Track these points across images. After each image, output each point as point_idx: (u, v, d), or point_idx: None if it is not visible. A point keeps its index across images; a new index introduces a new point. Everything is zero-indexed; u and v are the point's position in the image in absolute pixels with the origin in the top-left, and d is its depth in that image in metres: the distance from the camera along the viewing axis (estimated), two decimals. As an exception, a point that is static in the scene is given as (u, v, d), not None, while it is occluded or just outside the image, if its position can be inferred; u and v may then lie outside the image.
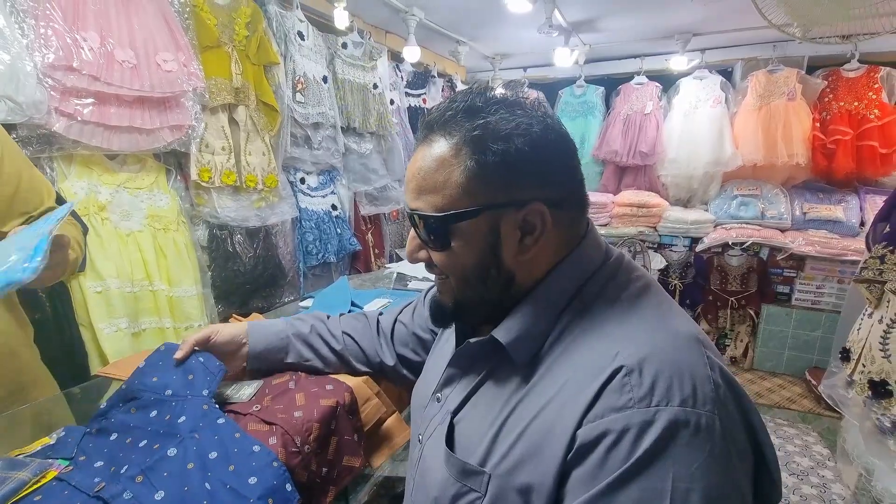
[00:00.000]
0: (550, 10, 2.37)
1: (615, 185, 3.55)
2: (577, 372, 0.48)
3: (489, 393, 0.55)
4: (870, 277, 1.39)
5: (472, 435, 0.54)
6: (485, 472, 0.50)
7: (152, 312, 1.52)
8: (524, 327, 0.53)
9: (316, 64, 2.07)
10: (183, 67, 1.47)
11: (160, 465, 0.60)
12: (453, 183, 0.51)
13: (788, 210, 3.02)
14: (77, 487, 0.56)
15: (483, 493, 0.50)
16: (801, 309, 2.98)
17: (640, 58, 3.37)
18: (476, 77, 3.84)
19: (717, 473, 0.41)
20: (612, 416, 0.43)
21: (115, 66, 1.32)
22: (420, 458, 0.61)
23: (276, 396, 0.77)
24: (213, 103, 1.64)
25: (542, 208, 0.51)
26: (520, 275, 0.55)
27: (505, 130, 0.50)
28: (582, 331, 0.51)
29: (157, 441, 0.64)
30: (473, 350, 0.58)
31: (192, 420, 0.67)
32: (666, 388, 0.43)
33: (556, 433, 0.46)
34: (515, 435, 0.49)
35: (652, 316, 0.50)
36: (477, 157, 0.50)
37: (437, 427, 0.59)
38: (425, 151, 0.53)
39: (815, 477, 2.04)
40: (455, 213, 0.51)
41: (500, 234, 0.52)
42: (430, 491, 0.56)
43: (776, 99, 2.95)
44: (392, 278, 1.64)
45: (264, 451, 0.64)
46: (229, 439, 0.65)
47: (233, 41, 1.71)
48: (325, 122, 2.09)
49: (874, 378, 1.33)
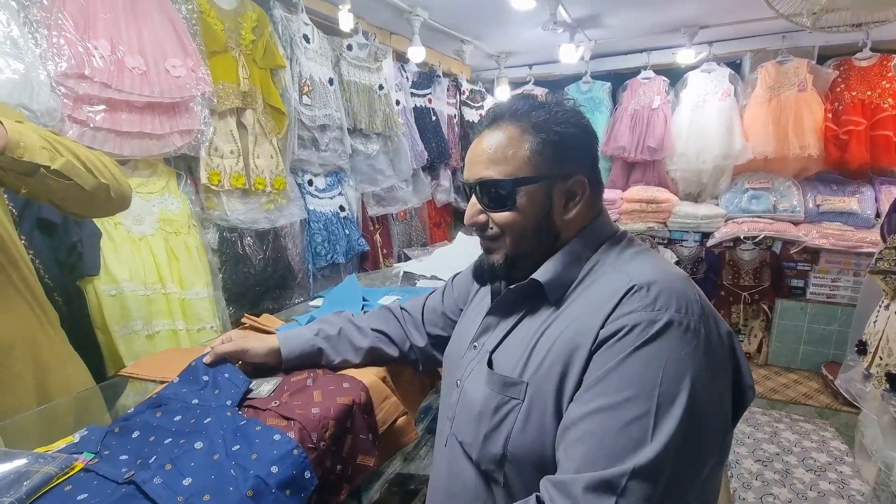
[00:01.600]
0: (555, 7, 2.36)
1: (623, 180, 3.52)
2: (598, 296, 0.62)
3: (525, 327, 0.68)
4: (886, 269, 1.36)
5: (510, 358, 0.66)
6: (523, 381, 0.62)
7: (165, 315, 1.54)
8: (559, 271, 0.67)
9: (321, 66, 2.08)
10: (191, 73, 1.49)
11: (187, 455, 0.61)
12: (521, 156, 0.66)
13: (801, 202, 2.98)
14: (105, 476, 0.58)
15: (522, 398, 0.61)
16: (817, 303, 2.93)
17: (647, 52, 3.34)
18: (481, 76, 3.83)
19: (701, 362, 0.55)
20: (627, 317, 0.57)
21: (126, 73, 1.35)
22: (460, 396, 0.71)
23: (294, 393, 0.79)
24: (222, 108, 1.66)
25: (583, 180, 0.67)
26: (562, 233, 0.69)
27: (562, 118, 0.66)
28: (600, 275, 0.65)
29: (183, 438, 0.66)
30: (511, 297, 0.71)
31: (217, 421, 0.69)
32: (666, 300, 0.57)
33: (584, 336, 0.59)
34: (547, 348, 0.62)
35: (655, 262, 0.65)
36: (542, 136, 0.66)
37: (476, 366, 0.70)
38: (493, 133, 0.68)
39: (833, 473, 2.00)
40: (522, 178, 0.66)
41: (552, 199, 0.67)
42: (473, 409, 0.66)
43: (786, 90, 2.91)
44: (400, 277, 1.64)
45: (285, 440, 0.66)
46: (252, 432, 0.67)
47: (239, 46, 1.73)
48: (332, 124, 2.11)
49: (892, 371, 1.30)
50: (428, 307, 0.98)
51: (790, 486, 1.93)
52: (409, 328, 0.97)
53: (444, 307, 0.96)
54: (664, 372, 0.53)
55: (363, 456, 0.78)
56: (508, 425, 0.62)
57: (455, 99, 3.26)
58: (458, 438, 0.69)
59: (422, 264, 1.78)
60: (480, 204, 0.70)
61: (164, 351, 1.29)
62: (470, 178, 0.70)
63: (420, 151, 2.73)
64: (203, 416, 0.70)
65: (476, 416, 0.65)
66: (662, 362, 0.53)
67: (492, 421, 0.63)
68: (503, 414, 0.63)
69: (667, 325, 0.55)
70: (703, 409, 0.53)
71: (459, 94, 3.29)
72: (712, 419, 0.55)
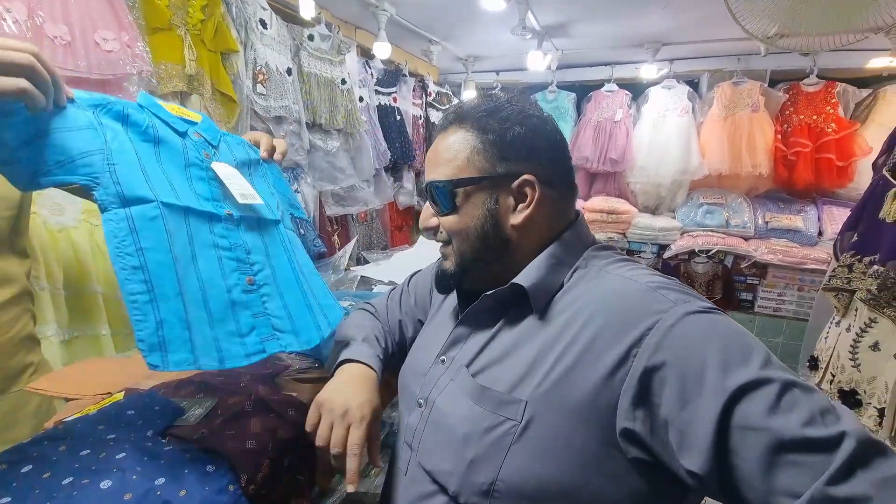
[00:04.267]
0: (524, 12, 2.34)
1: (585, 190, 3.56)
2: (599, 303, 0.57)
3: (507, 338, 0.62)
4: (838, 286, 1.39)
5: (499, 373, 0.60)
6: (521, 400, 0.55)
7: (86, 318, 1.37)
8: (543, 275, 0.62)
9: (279, 55, 1.95)
10: (126, 48, 1.34)
11: (89, 499, 0.50)
12: (461, 157, 0.64)
13: (752, 219, 3.10)
14: None
15: (519, 419, 0.55)
16: (764, 316, 3.05)
17: (611, 66, 3.40)
18: (448, 79, 3.78)
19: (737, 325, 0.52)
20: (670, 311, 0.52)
21: (46, 42, 1.18)
22: (428, 416, 0.64)
23: (228, 420, 0.67)
24: (163, 90, 1.51)
25: (532, 181, 0.62)
26: (515, 240, 0.64)
27: (506, 116, 0.63)
28: (590, 279, 0.61)
29: (87, 477, 0.54)
30: (489, 303, 0.65)
31: (133, 453, 0.57)
32: (685, 296, 0.54)
33: (597, 350, 0.53)
34: (551, 362, 0.56)
35: (645, 272, 0.61)
36: (482, 136, 0.63)
37: (448, 382, 0.64)
38: (442, 137, 0.67)
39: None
40: (461, 179, 0.64)
41: (498, 201, 0.64)
42: (455, 432, 0.59)
43: (741, 110, 3.03)
44: (356, 281, 1.54)
45: (220, 472, 0.56)
46: (178, 463, 0.56)
47: (186, 24, 1.58)
48: (289, 117, 1.98)
49: (844, 387, 1.33)
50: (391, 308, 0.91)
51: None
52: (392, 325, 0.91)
53: (400, 314, 0.88)
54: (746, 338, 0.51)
55: (297, 499, 0.67)
56: (502, 449, 0.54)
57: (421, 100, 3.18)
58: (426, 467, 0.61)
59: (380, 268, 1.68)
60: (432, 207, 0.69)
61: (83, 361, 1.15)
62: (424, 181, 0.70)
63: (383, 151, 2.63)
64: (116, 451, 0.58)
65: (460, 438, 0.58)
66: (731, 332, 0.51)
67: (480, 444, 0.56)
68: (496, 436, 0.55)
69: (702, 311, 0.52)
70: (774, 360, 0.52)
71: (426, 95, 3.22)
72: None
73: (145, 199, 0.61)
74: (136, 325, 0.56)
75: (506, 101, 0.65)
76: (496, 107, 0.64)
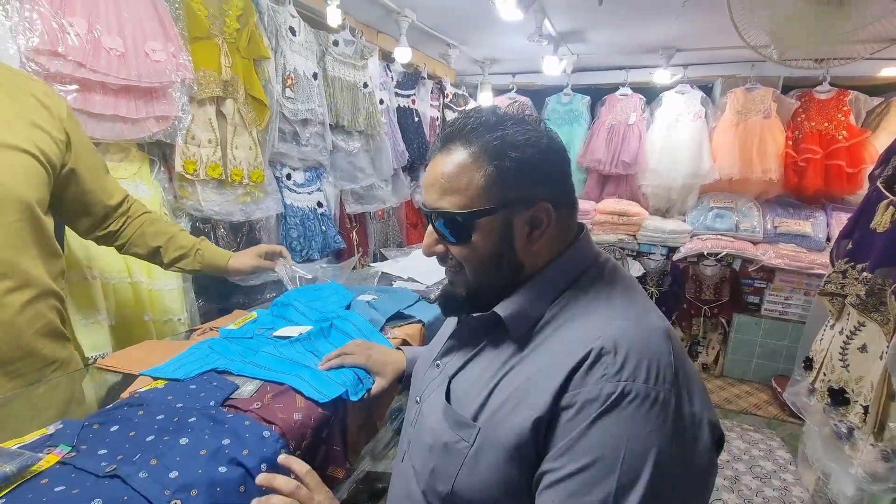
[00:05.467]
0: (541, 20, 2.41)
1: (598, 192, 3.63)
2: (564, 348, 0.56)
3: (484, 361, 0.64)
4: (832, 291, 1.46)
5: (468, 394, 0.62)
6: (476, 425, 0.58)
7: (131, 305, 1.49)
8: (521, 306, 0.62)
9: (306, 60, 2.06)
10: (172, 58, 1.45)
11: (172, 451, 0.61)
12: (475, 185, 0.60)
13: (761, 223, 3.14)
14: (84, 469, 0.56)
15: (471, 443, 0.58)
16: (770, 319, 3.10)
17: (626, 70, 3.45)
18: (465, 81, 3.86)
19: (668, 440, 0.50)
20: (588, 387, 0.52)
21: (102, 54, 1.30)
22: (418, 416, 0.69)
23: (276, 395, 0.78)
24: (202, 95, 1.62)
25: (548, 207, 0.61)
26: (527, 264, 0.64)
27: (520, 141, 0.59)
28: (572, 316, 0.60)
29: (166, 435, 0.65)
30: (474, 324, 0.67)
31: (202, 419, 0.68)
32: (634, 367, 0.52)
33: (540, 395, 0.54)
34: (505, 396, 0.58)
35: (631, 310, 0.59)
36: (496, 163, 0.59)
37: (435, 388, 0.67)
38: (446, 159, 0.62)
39: (777, 480, 2.13)
40: (476, 211, 0.60)
41: (513, 229, 0.61)
42: (426, 439, 0.64)
43: (753, 116, 3.07)
44: (377, 277, 1.65)
45: (274, 437, 0.66)
46: (240, 427, 0.66)
47: (223, 33, 1.69)
48: (314, 119, 2.09)
49: (833, 386, 1.40)
50: None
51: (738, 492, 2.04)
52: None
53: None
54: (626, 449, 0.49)
55: (334, 467, 0.78)
56: (455, 465, 0.59)
57: (438, 101, 3.28)
58: (412, 462, 0.67)
59: (399, 265, 1.79)
60: (438, 235, 0.65)
61: (141, 344, 1.26)
62: (427, 203, 0.65)
63: (401, 151, 2.73)
64: (187, 416, 0.69)
65: (427, 447, 0.63)
66: (624, 439, 0.50)
67: (440, 458, 0.61)
68: (451, 453, 0.60)
69: (631, 399, 0.50)
70: (670, 487, 0.50)
71: (443, 96, 3.31)
72: (682, 494, 0.52)
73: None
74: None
75: (512, 121, 0.61)
76: (506, 128, 0.60)
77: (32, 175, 0.92)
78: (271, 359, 0.89)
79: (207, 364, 0.87)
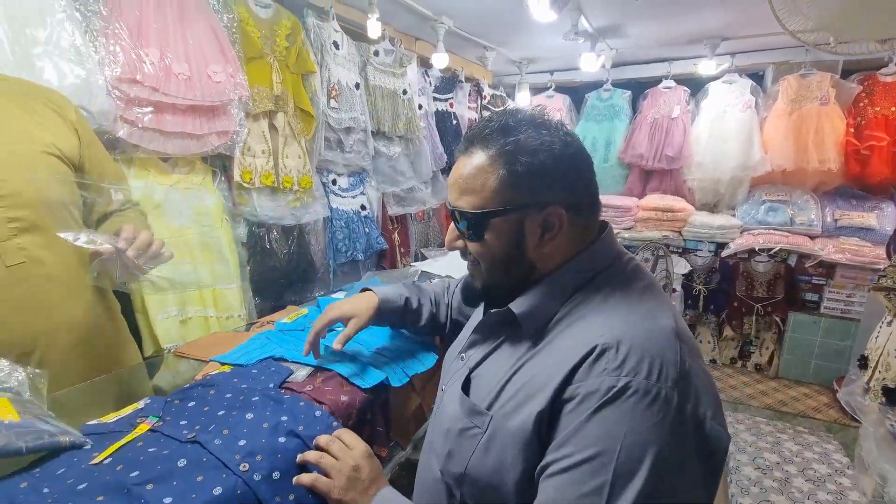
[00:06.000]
0: (576, 18, 2.42)
1: (640, 188, 3.56)
2: (571, 344, 0.59)
3: (502, 355, 0.67)
4: (889, 286, 1.39)
5: (484, 386, 0.66)
6: (489, 414, 0.62)
7: (198, 303, 1.66)
8: (535, 304, 0.65)
9: (349, 72, 2.18)
10: (230, 78, 1.60)
11: (240, 424, 0.70)
12: (489, 187, 0.63)
13: (819, 216, 2.97)
14: (170, 436, 0.67)
15: (484, 430, 0.62)
16: (831, 318, 2.93)
17: (668, 62, 3.37)
18: (503, 81, 3.90)
19: (667, 437, 0.51)
20: (590, 381, 0.54)
21: (172, 78, 1.46)
22: (441, 402, 0.74)
23: (326, 379, 0.88)
24: (256, 110, 1.77)
25: (560, 211, 0.63)
26: (539, 264, 0.66)
27: (532, 147, 0.62)
28: (583, 314, 0.62)
29: (234, 410, 0.75)
30: (493, 320, 0.70)
31: (263, 399, 0.78)
32: (635, 363, 0.53)
33: (544, 390, 0.57)
34: (515, 389, 0.61)
35: (640, 309, 0.61)
36: (508, 167, 0.62)
37: (457, 379, 0.72)
38: (466, 161, 0.65)
39: (832, 484, 2.03)
40: (489, 212, 0.63)
41: (524, 231, 0.64)
42: (444, 424, 0.68)
43: (808, 103, 2.91)
44: (417, 276, 1.73)
45: (325, 415, 0.76)
46: (296, 407, 0.76)
47: (274, 52, 1.84)
48: (357, 127, 2.20)
49: (889, 385, 1.34)
50: (456, 295, 1.01)
51: (788, 495, 1.96)
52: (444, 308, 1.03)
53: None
54: (624, 443, 0.50)
55: (378, 447, 0.87)
56: (469, 450, 0.63)
57: (476, 103, 3.33)
58: (433, 445, 0.72)
59: (438, 264, 1.86)
60: (458, 230, 0.69)
61: (210, 335, 1.41)
62: (449, 202, 0.69)
63: (440, 154, 2.82)
64: (250, 395, 0.79)
65: (444, 431, 0.68)
66: (622, 432, 0.51)
67: (455, 442, 0.65)
68: (466, 438, 0.64)
69: (631, 393, 0.51)
70: (668, 484, 0.51)
71: (481, 98, 3.37)
72: (681, 493, 0.52)
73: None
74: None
75: (530, 125, 0.63)
76: (522, 133, 0.62)
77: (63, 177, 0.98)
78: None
79: (266, 352, 0.98)
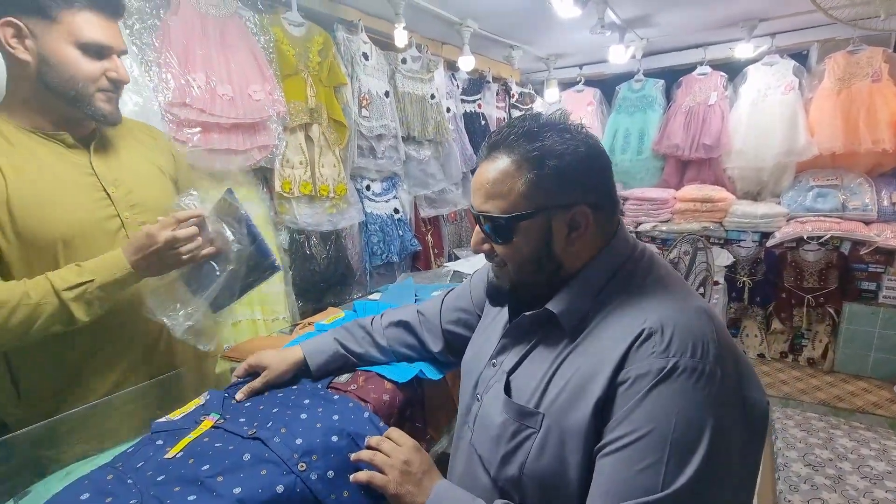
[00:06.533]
0: (602, 11, 2.39)
1: (677, 179, 3.46)
2: (613, 334, 0.62)
3: (540, 355, 0.69)
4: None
5: (527, 387, 0.68)
6: (539, 412, 0.64)
7: (246, 306, 1.78)
8: (571, 301, 0.67)
9: (378, 81, 2.26)
10: (269, 96, 1.71)
11: (295, 423, 0.75)
12: (516, 191, 0.65)
13: (874, 200, 2.80)
14: (232, 432, 0.73)
15: (537, 429, 0.64)
16: (891, 307, 2.75)
17: (703, 47, 3.26)
18: (531, 78, 3.89)
19: (720, 410, 0.55)
20: (639, 363, 0.58)
21: (217, 100, 1.58)
22: (479, 411, 0.74)
23: (367, 379, 0.93)
24: (293, 124, 1.88)
25: (586, 210, 0.66)
26: (566, 263, 0.69)
27: (558, 150, 0.64)
28: (616, 306, 0.65)
29: (288, 410, 0.80)
30: (526, 322, 0.72)
31: (314, 399, 0.83)
32: (680, 344, 0.57)
33: (597, 379, 0.60)
34: (563, 383, 0.64)
35: (671, 294, 0.65)
36: (536, 171, 0.64)
37: (494, 384, 0.73)
38: (490, 165, 0.67)
39: (891, 482, 1.92)
40: (517, 215, 0.66)
41: (552, 231, 0.67)
42: (491, 432, 0.69)
43: (858, 81, 2.75)
44: (450, 276, 1.78)
45: (374, 417, 0.81)
46: (346, 407, 0.81)
47: (308, 68, 1.94)
48: (388, 134, 2.28)
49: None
50: (447, 307, 0.99)
51: (841, 492, 1.87)
52: (425, 334, 0.99)
53: (465, 304, 0.97)
54: (678, 419, 0.54)
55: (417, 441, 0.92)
56: (525, 452, 0.64)
57: (504, 102, 3.35)
58: (477, 451, 0.72)
59: (469, 263, 1.91)
60: (484, 234, 0.71)
61: (257, 338, 1.52)
62: (474, 206, 0.70)
63: (469, 156, 2.86)
64: (302, 396, 0.85)
65: (494, 437, 0.68)
66: (675, 409, 0.54)
67: (509, 445, 0.66)
68: (519, 440, 0.65)
69: (680, 371, 0.55)
70: (724, 455, 0.54)
71: (509, 97, 3.38)
72: (730, 469, 0.56)
73: None
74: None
75: (553, 129, 0.65)
76: (546, 137, 0.65)
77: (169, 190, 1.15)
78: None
79: None
